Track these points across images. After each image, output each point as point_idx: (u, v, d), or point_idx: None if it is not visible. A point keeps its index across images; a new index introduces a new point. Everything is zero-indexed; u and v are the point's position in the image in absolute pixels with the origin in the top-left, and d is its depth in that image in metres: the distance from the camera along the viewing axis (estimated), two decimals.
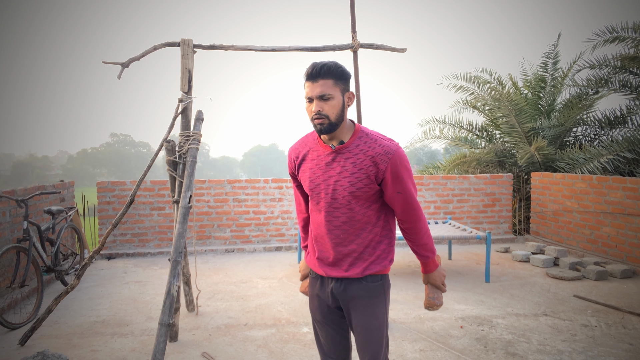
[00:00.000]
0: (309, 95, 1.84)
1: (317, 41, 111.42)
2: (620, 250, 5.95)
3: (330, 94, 1.82)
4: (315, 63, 1.84)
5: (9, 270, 4.52)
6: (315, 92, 1.82)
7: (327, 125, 1.83)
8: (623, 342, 3.64)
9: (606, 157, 7.56)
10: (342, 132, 1.89)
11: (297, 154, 2.02)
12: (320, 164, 1.92)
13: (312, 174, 1.93)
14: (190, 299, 4.35)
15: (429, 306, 2.07)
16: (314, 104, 1.83)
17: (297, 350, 3.54)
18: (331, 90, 1.82)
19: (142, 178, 3.92)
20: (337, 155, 1.88)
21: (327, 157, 1.90)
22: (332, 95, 1.82)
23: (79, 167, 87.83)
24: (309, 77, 1.84)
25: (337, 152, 1.88)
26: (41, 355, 3.09)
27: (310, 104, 1.85)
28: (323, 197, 1.91)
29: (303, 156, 1.99)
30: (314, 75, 1.82)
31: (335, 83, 1.83)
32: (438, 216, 7.74)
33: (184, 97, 3.88)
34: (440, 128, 10.83)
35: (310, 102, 1.85)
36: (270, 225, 7.35)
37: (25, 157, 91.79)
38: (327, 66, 1.82)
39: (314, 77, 1.83)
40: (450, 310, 4.39)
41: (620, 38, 8.38)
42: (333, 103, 1.82)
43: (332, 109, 1.82)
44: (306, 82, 1.86)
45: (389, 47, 4.31)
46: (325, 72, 1.82)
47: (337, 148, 1.88)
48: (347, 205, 1.88)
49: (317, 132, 1.88)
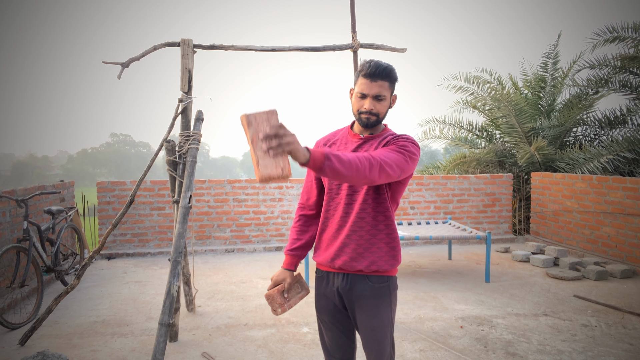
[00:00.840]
0: (365, 92, 1.89)
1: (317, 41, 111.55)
2: (620, 250, 5.95)
3: (385, 96, 1.91)
4: (376, 62, 1.89)
5: (9, 270, 4.52)
6: (373, 91, 1.88)
7: (374, 121, 1.93)
8: (623, 342, 3.64)
9: (606, 157, 7.56)
10: (375, 128, 2.00)
11: (326, 142, 2.09)
12: (347, 149, 1.99)
13: None
14: (190, 299, 4.35)
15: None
16: (368, 102, 1.89)
17: (297, 350, 3.54)
18: (386, 92, 1.90)
19: (142, 178, 3.92)
20: (363, 143, 1.96)
21: (354, 144, 1.98)
22: (386, 97, 1.91)
23: (79, 167, 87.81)
24: (369, 75, 1.88)
25: (364, 141, 1.97)
26: (41, 355, 3.09)
27: (363, 100, 1.91)
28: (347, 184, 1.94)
29: (331, 144, 2.06)
30: (374, 75, 1.87)
31: (390, 85, 1.92)
32: (438, 216, 7.74)
33: (184, 97, 3.88)
34: (440, 128, 10.84)
35: (363, 98, 1.91)
36: (270, 225, 7.35)
37: (25, 157, 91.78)
38: (388, 69, 1.88)
39: (374, 76, 1.87)
40: (450, 310, 4.39)
41: (621, 38, 8.37)
42: (385, 104, 1.92)
43: (382, 109, 1.92)
44: (363, 79, 1.90)
45: (389, 47, 4.31)
46: (385, 75, 1.88)
47: (366, 137, 1.97)
48: (366, 191, 1.92)
49: (363, 125, 1.94)
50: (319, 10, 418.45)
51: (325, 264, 2.00)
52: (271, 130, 1.43)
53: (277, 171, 1.48)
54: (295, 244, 2.10)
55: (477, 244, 7.47)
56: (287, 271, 2.07)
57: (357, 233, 1.93)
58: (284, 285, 2.04)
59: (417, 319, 4.18)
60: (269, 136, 1.43)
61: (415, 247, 7.31)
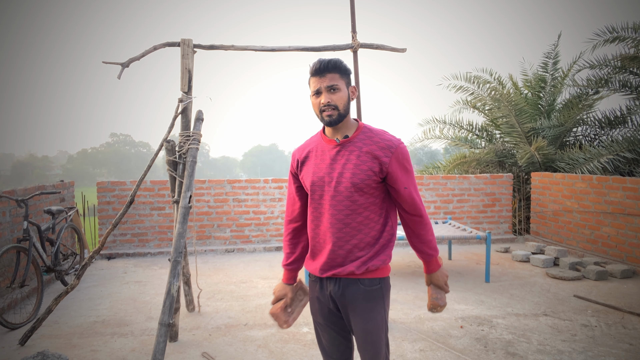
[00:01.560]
0: (316, 88, 1.92)
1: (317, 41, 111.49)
2: (620, 250, 5.95)
3: (338, 86, 1.91)
4: (321, 59, 1.92)
5: (9, 270, 4.52)
6: (324, 84, 1.90)
7: (337, 116, 1.90)
8: (623, 342, 3.64)
9: (606, 157, 7.56)
10: (346, 127, 1.96)
11: (301, 153, 2.06)
12: (324, 158, 1.96)
13: (316, 169, 1.96)
14: (190, 299, 4.35)
15: (432, 307, 2.05)
16: (324, 96, 1.90)
17: (297, 350, 3.54)
18: (338, 82, 1.91)
19: (142, 178, 3.92)
20: (341, 149, 1.93)
21: (331, 151, 1.95)
22: (339, 87, 1.91)
23: (79, 167, 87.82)
24: (316, 72, 1.92)
25: (341, 146, 1.94)
26: (41, 355, 3.09)
27: (318, 97, 1.92)
28: (327, 190, 1.93)
29: (307, 154, 2.03)
30: (321, 70, 1.91)
31: (340, 76, 1.92)
32: (438, 216, 7.74)
33: (184, 97, 3.88)
34: (440, 128, 10.84)
35: (318, 95, 1.92)
36: (270, 225, 7.35)
37: (25, 157, 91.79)
38: (332, 61, 1.91)
39: (321, 72, 1.91)
40: (450, 310, 4.39)
41: (621, 38, 8.37)
42: (341, 94, 1.91)
43: (340, 100, 1.91)
44: (313, 78, 1.94)
45: (389, 47, 4.31)
46: (332, 67, 1.91)
47: (342, 141, 1.94)
48: (350, 198, 1.90)
49: (327, 124, 1.93)
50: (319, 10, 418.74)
51: (317, 273, 2.01)
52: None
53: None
54: (290, 258, 2.13)
55: (477, 244, 7.47)
56: (287, 286, 2.13)
57: (344, 239, 1.92)
58: (287, 301, 2.11)
59: (417, 319, 4.18)
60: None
61: None
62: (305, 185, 2.02)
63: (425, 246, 1.99)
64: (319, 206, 1.97)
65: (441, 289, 2.05)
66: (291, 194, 2.13)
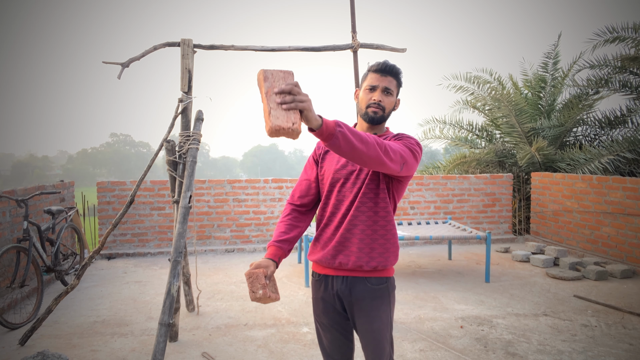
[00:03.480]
0: (375, 84, 1.96)
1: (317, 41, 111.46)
2: (620, 250, 5.95)
3: (393, 91, 1.98)
4: (387, 61, 1.99)
5: (9, 270, 4.52)
6: (383, 84, 1.96)
7: (380, 116, 1.96)
8: (623, 342, 3.64)
9: (607, 157, 7.56)
10: (378, 129, 2.03)
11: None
12: None
13: (338, 158, 2.00)
14: (190, 299, 4.35)
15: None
16: (377, 94, 1.96)
17: (297, 350, 3.54)
18: (394, 88, 1.99)
19: (142, 178, 3.92)
20: None
21: None
22: (393, 92, 1.99)
23: (79, 167, 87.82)
24: (379, 70, 1.97)
25: None
26: (41, 355, 3.09)
27: (372, 93, 1.97)
28: (350, 180, 1.95)
29: None
30: (385, 70, 1.96)
31: (397, 84, 2.00)
32: (438, 216, 7.74)
33: (184, 97, 3.88)
34: (440, 128, 10.83)
35: (372, 91, 1.97)
36: (270, 225, 7.35)
37: (25, 157, 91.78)
38: (397, 68, 1.99)
39: (384, 72, 1.97)
40: (450, 310, 4.39)
41: (621, 38, 8.37)
42: (391, 100, 1.99)
43: (389, 104, 1.98)
44: (373, 74, 1.98)
45: (389, 47, 4.31)
46: (395, 72, 1.98)
47: None
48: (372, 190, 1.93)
49: (368, 119, 1.97)
50: (319, 10, 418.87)
51: (325, 262, 1.98)
52: (287, 86, 1.44)
53: (287, 124, 1.42)
54: (282, 237, 1.97)
55: (477, 244, 7.47)
56: (271, 261, 1.89)
57: (355, 231, 1.92)
58: (267, 272, 1.83)
59: (417, 319, 4.18)
60: (284, 91, 1.44)
61: (415, 247, 7.31)
62: (325, 175, 2.01)
63: None
64: (338, 194, 1.97)
65: None
66: (307, 179, 2.06)
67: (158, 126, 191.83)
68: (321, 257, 1.98)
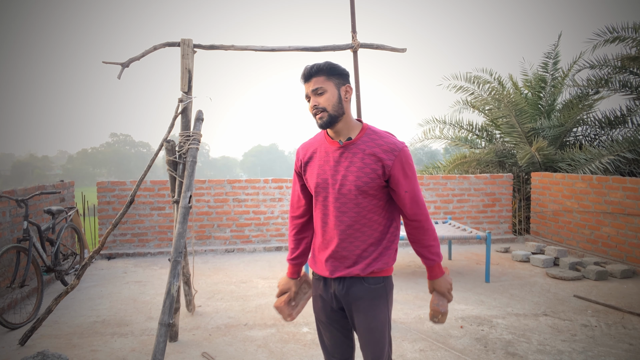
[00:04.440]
0: (306, 92, 1.97)
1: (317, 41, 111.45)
2: (620, 250, 5.95)
3: (323, 88, 1.92)
4: (307, 66, 1.96)
5: (9, 270, 4.52)
6: (310, 88, 1.94)
7: (327, 118, 1.91)
8: (623, 342, 3.64)
9: (607, 157, 7.56)
10: (347, 128, 1.96)
11: (305, 153, 2.07)
12: (328, 160, 1.96)
13: (320, 170, 1.97)
14: (190, 299, 4.35)
15: (433, 315, 2.00)
16: (311, 100, 1.94)
17: (297, 350, 3.54)
18: (323, 84, 1.92)
19: (142, 178, 3.92)
20: (345, 151, 1.94)
21: (335, 153, 1.95)
22: (325, 89, 1.92)
23: (79, 167, 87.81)
24: (303, 79, 1.98)
25: (345, 148, 1.94)
26: (41, 355, 3.09)
27: (309, 103, 1.96)
28: (331, 192, 1.94)
29: (311, 154, 2.04)
30: (306, 76, 1.95)
31: (327, 78, 1.93)
32: (438, 216, 7.74)
33: (184, 97, 3.88)
34: (440, 128, 10.84)
35: (308, 100, 1.97)
36: (270, 225, 7.35)
37: (25, 157, 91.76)
38: (316, 66, 1.94)
39: (306, 77, 1.95)
40: (450, 310, 4.39)
41: (621, 38, 8.37)
42: (327, 96, 1.92)
43: (327, 102, 1.91)
44: (304, 85, 1.97)
45: (389, 47, 4.31)
46: (315, 71, 1.93)
47: (345, 144, 1.94)
48: (354, 200, 1.91)
49: (319, 126, 1.95)
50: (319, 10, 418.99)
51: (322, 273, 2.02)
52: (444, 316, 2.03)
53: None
54: (294, 253, 2.16)
55: (477, 244, 7.47)
56: (291, 280, 2.17)
57: (348, 240, 1.93)
58: (290, 295, 2.15)
59: (417, 319, 4.18)
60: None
61: None
62: (309, 186, 2.03)
63: (426, 251, 2.00)
64: (323, 207, 1.98)
65: (444, 297, 2.02)
66: (296, 191, 2.14)
67: (158, 126, 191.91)
68: (317, 269, 2.05)
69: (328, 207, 1.95)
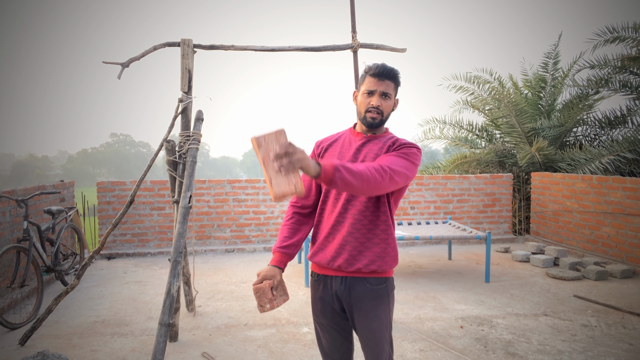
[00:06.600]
0: (372, 88, 1.96)
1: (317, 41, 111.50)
2: (620, 250, 5.95)
3: (391, 95, 1.98)
4: (384, 64, 1.97)
5: (9, 270, 4.52)
6: (381, 88, 1.95)
7: (379, 121, 1.98)
8: (623, 342, 3.64)
9: (607, 157, 7.56)
10: (379, 131, 2.05)
11: (327, 140, 2.11)
12: (350, 148, 2.02)
13: (339, 155, 2.02)
14: (190, 299, 4.35)
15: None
16: (375, 98, 1.96)
17: (297, 350, 3.54)
18: (392, 91, 1.99)
19: (142, 178, 3.92)
20: (367, 142, 2.00)
21: (357, 142, 2.01)
22: (391, 95, 1.98)
23: (79, 167, 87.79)
24: (377, 75, 1.95)
25: (368, 140, 2.00)
26: (41, 355, 3.09)
27: (370, 98, 1.97)
28: None
29: (331, 142, 2.09)
30: (382, 75, 1.95)
31: (395, 86, 2.00)
32: (438, 216, 7.74)
33: (184, 97, 3.88)
34: (440, 128, 10.83)
35: (370, 95, 1.97)
36: (270, 225, 7.35)
37: (25, 157, 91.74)
38: (394, 70, 1.98)
39: (382, 76, 1.96)
40: (450, 310, 4.39)
41: (621, 38, 8.37)
42: (390, 103, 1.99)
43: (387, 108, 1.99)
44: (371, 78, 1.97)
45: (389, 47, 4.31)
46: (392, 75, 1.97)
47: (369, 136, 2.01)
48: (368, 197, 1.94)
49: (368, 125, 1.99)
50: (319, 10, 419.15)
51: (324, 264, 1.98)
52: (281, 150, 1.50)
53: (290, 188, 1.55)
54: (286, 242, 2.01)
55: (477, 244, 7.47)
56: (276, 268, 1.96)
57: (355, 233, 1.93)
58: (274, 282, 1.91)
59: (417, 319, 4.18)
60: (279, 155, 1.50)
61: (415, 247, 7.31)
62: None
63: None
64: (333, 197, 1.98)
65: None
66: (307, 182, 2.07)
67: (158, 126, 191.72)
68: (320, 259, 1.99)
69: (339, 196, 1.97)
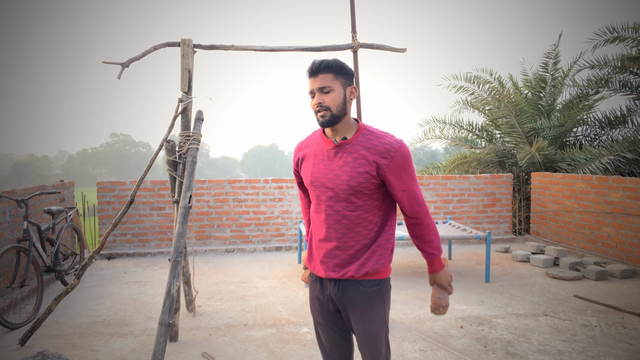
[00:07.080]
0: (310, 89, 1.93)
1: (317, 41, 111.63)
2: (620, 250, 5.95)
3: (330, 87, 1.88)
4: (315, 60, 1.92)
5: (9, 270, 4.52)
6: (316, 85, 1.89)
7: (330, 117, 1.88)
8: (623, 342, 3.64)
9: (607, 157, 7.56)
10: (345, 128, 1.94)
11: (301, 151, 2.07)
12: (322, 158, 1.95)
13: (314, 169, 1.96)
14: (190, 299, 4.35)
15: (435, 308, 2.02)
16: (316, 97, 1.90)
17: (297, 350, 3.54)
18: (331, 83, 1.88)
19: (142, 178, 3.92)
20: (339, 150, 1.92)
21: (329, 152, 1.94)
22: (332, 87, 1.88)
23: (79, 167, 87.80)
24: (309, 73, 1.92)
25: (339, 147, 1.92)
26: (41, 355, 3.09)
27: (313, 99, 1.93)
28: (324, 192, 1.93)
29: (306, 152, 2.03)
30: (314, 71, 1.90)
31: (335, 77, 1.89)
32: (438, 216, 7.74)
33: (184, 97, 3.88)
34: (440, 128, 10.84)
35: (312, 97, 1.93)
36: (270, 225, 7.35)
37: (25, 157, 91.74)
38: (326, 62, 1.90)
39: (314, 72, 1.91)
40: (450, 310, 4.39)
41: (621, 38, 8.37)
42: (334, 95, 1.88)
43: (332, 101, 1.88)
44: (309, 79, 1.94)
45: (389, 47, 4.31)
46: (324, 67, 1.89)
47: (340, 143, 1.92)
48: (347, 200, 1.89)
49: (320, 124, 1.92)
50: (319, 10, 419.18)
51: (318, 270, 2.01)
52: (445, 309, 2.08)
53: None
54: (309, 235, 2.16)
55: (477, 244, 7.47)
56: None
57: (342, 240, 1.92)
58: None
59: (417, 319, 4.18)
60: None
61: (415, 247, 7.30)
62: (305, 183, 2.04)
63: (427, 246, 1.99)
64: (317, 206, 1.98)
65: (444, 290, 2.03)
66: (299, 189, 2.22)
67: (158, 126, 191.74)
68: (312, 269, 2.04)
69: (321, 206, 1.95)
